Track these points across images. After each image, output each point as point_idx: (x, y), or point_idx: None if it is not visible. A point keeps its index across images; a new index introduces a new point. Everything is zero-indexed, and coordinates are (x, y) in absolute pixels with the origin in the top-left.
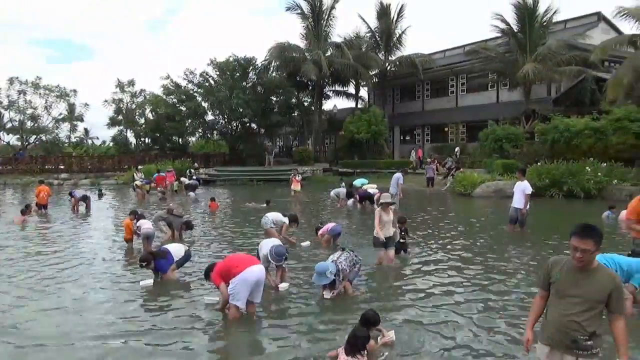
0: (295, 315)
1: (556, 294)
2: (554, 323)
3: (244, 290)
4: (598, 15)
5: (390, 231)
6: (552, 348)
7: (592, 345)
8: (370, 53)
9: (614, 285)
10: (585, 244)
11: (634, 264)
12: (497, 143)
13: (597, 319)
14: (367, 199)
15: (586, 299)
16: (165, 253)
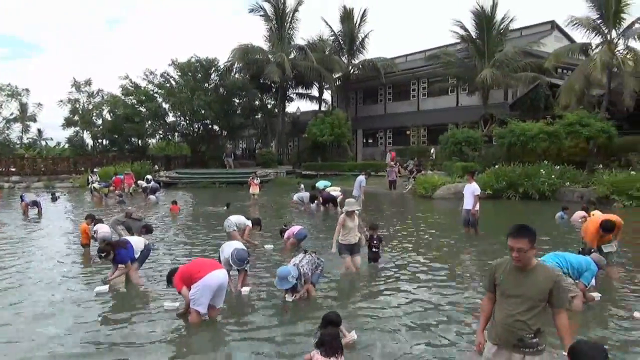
0: (257, 319)
1: (501, 295)
2: (500, 323)
3: (206, 295)
4: (552, 24)
5: (356, 237)
6: (500, 347)
7: (537, 343)
8: (333, 56)
9: (553, 281)
10: (519, 243)
11: (583, 262)
12: (457, 146)
13: (541, 316)
14: (330, 201)
15: (529, 297)
16: (125, 243)
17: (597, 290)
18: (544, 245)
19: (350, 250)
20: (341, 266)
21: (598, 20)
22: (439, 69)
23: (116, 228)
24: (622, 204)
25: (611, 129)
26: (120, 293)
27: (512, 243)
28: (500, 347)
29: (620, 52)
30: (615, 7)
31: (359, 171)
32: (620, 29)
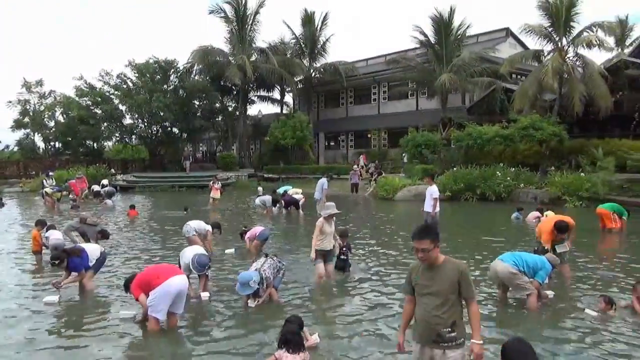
0: (218, 325)
1: (418, 295)
2: (420, 321)
3: (165, 301)
4: (506, 31)
5: (331, 244)
6: (422, 345)
7: (455, 337)
8: (295, 59)
9: (460, 273)
10: (422, 244)
11: (538, 261)
12: (417, 149)
13: (455, 308)
14: (292, 204)
15: (440, 292)
16: (79, 251)
17: (550, 288)
18: (500, 245)
19: (324, 257)
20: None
21: (550, 29)
22: (399, 73)
23: (70, 234)
24: (573, 204)
25: (562, 133)
26: (72, 303)
27: (416, 244)
28: (422, 345)
29: (570, 59)
30: (566, 16)
31: (321, 174)
32: (570, 37)
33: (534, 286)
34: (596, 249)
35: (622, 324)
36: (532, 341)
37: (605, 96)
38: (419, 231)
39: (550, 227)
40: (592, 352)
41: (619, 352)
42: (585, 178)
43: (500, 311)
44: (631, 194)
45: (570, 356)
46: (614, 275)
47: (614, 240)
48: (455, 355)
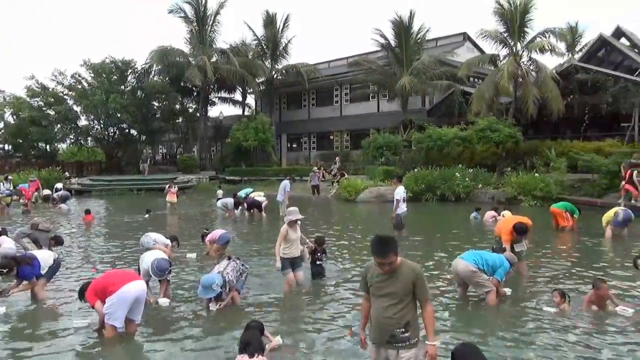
0: (179, 330)
1: (373, 295)
2: (375, 322)
3: (122, 308)
4: (464, 36)
5: (298, 250)
6: (378, 346)
7: (409, 337)
8: (256, 61)
9: (415, 275)
10: (388, 259)
11: (497, 260)
12: (378, 150)
13: (409, 309)
14: (255, 207)
15: (395, 294)
16: (30, 259)
17: (507, 285)
18: (460, 244)
19: (293, 264)
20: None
21: (505, 34)
22: (360, 75)
23: (21, 241)
24: (528, 203)
25: (518, 135)
26: (24, 313)
27: (381, 260)
28: (378, 346)
29: (524, 63)
30: (520, 22)
31: (284, 176)
32: (524, 42)
33: (493, 283)
34: (550, 247)
35: (576, 317)
36: (492, 337)
37: (557, 99)
38: (382, 248)
39: (510, 228)
40: (553, 346)
41: (578, 343)
42: (539, 178)
43: (460, 308)
44: (582, 193)
45: (530, 351)
46: (566, 272)
47: (567, 238)
48: (408, 355)
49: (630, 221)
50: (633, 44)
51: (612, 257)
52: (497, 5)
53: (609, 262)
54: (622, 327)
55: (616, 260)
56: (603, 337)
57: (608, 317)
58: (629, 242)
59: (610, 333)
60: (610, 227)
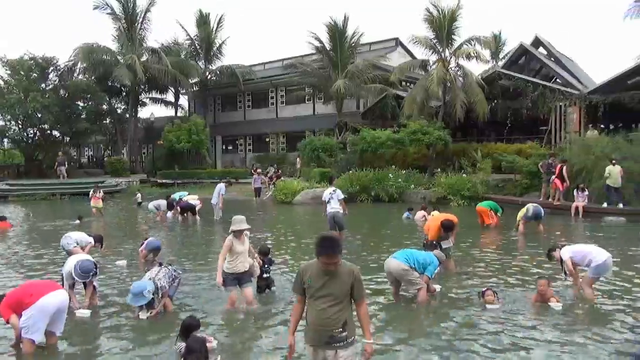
0: (107, 341)
1: (310, 297)
2: (312, 324)
3: (41, 321)
4: (396, 41)
5: (245, 264)
6: (315, 347)
7: (347, 336)
8: (189, 61)
9: (354, 276)
10: (335, 258)
11: (427, 257)
12: (314, 152)
13: (347, 309)
14: (189, 210)
15: (335, 295)
16: None
17: (437, 282)
18: (393, 243)
19: (239, 280)
20: (226, 305)
21: (434, 40)
22: (296, 77)
23: None
24: (457, 203)
25: (447, 137)
26: None
27: (328, 260)
28: (315, 348)
29: (452, 68)
30: (448, 29)
31: (219, 179)
32: (452, 49)
33: (424, 280)
34: (477, 243)
35: (507, 312)
36: (424, 333)
37: (482, 104)
38: (330, 247)
39: (437, 225)
40: (482, 342)
41: (513, 339)
42: (466, 179)
43: (394, 306)
44: (505, 192)
45: (463, 346)
46: (491, 267)
47: (492, 235)
48: (346, 354)
49: (541, 217)
50: (550, 53)
51: (533, 251)
52: (427, 12)
53: (529, 255)
54: (553, 322)
55: (538, 252)
56: (532, 332)
57: (538, 312)
58: (544, 236)
59: (540, 328)
60: (523, 222)
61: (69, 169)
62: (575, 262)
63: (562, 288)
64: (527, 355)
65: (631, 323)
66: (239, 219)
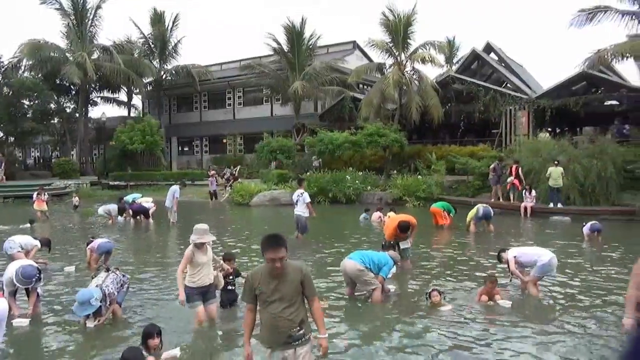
0: (50, 354)
1: (263, 303)
2: (268, 327)
3: None
4: (353, 44)
5: (210, 276)
6: (273, 349)
7: (304, 333)
8: (143, 60)
9: (302, 274)
10: (281, 252)
11: (382, 258)
12: (272, 154)
13: (301, 307)
14: (141, 213)
15: (288, 297)
16: None
17: (392, 282)
18: (350, 244)
19: (204, 295)
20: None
21: (390, 44)
22: (253, 78)
23: None
24: (412, 204)
25: (403, 139)
26: None
27: (273, 255)
28: (273, 349)
29: (408, 72)
30: (403, 34)
31: (174, 180)
32: (408, 53)
33: (378, 281)
34: (430, 244)
35: (458, 311)
36: (379, 333)
37: (437, 107)
38: (275, 241)
39: (394, 225)
40: (433, 343)
41: (464, 338)
42: (422, 180)
43: (349, 306)
44: (458, 193)
45: (418, 345)
46: (445, 266)
47: (445, 235)
48: (304, 351)
49: (491, 217)
50: (500, 59)
51: (484, 251)
52: (383, 16)
53: (479, 255)
54: (503, 319)
55: (488, 252)
56: (482, 332)
57: (487, 311)
58: (494, 237)
59: (488, 325)
60: (474, 222)
61: (14, 170)
62: (522, 263)
63: (512, 288)
64: (479, 354)
65: (574, 316)
66: (202, 229)
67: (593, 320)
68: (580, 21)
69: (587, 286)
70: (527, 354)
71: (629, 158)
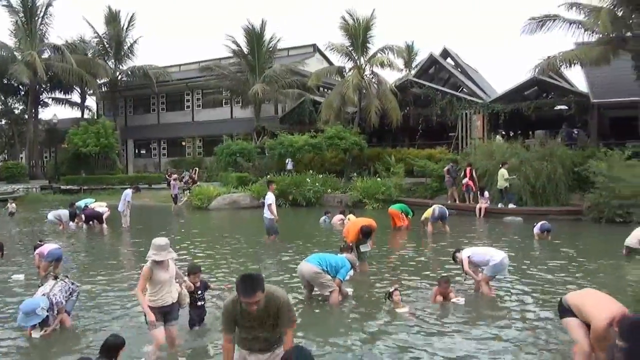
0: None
1: (241, 328)
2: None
3: None
4: (314, 47)
5: (173, 294)
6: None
7: (278, 346)
8: (98, 60)
9: (279, 306)
10: (254, 298)
11: (339, 261)
12: (231, 157)
13: (278, 331)
14: (95, 218)
15: (265, 327)
16: None
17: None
18: (310, 246)
19: (165, 315)
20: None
21: (350, 48)
22: (213, 80)
23: None
24: (372, 206)
25: (362, 142)
26: None
27: (249, 300)
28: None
29: (367, 76)
30: (362, 38)
31: (130, 184)
32: (367, 57)
33: (336, 284)
34: (388, 245)
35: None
36: (336, 335)
37: (396, 110)
38: (249, 288)
39: (357, 230)
40: (392, 343)
41: (424, 338)
42: (381, 182)
43: (307, 309)
44: (416, 195)
45: (374, 347)
46: (402, 269)
47: (402, 236)
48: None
49: (446, 217)
50: (457, 64)
51: (439, 251)
52: (343, 20)
53: (436, 255)
54: (457, 318)
55: (443, 252)
56: (440, 328)
57: (444, 309)
58: (449, 237)
59: (445, 322)
60: (430, 223)
61: None
62: (475, 262)
63: (466, 286)
64: (434, 353)
65: (524, 312)
66: (161, 244)
67: (542, 316)
68: (531, 29)
69: (536, 283)
70: (480, 350)
71: (576, 160)
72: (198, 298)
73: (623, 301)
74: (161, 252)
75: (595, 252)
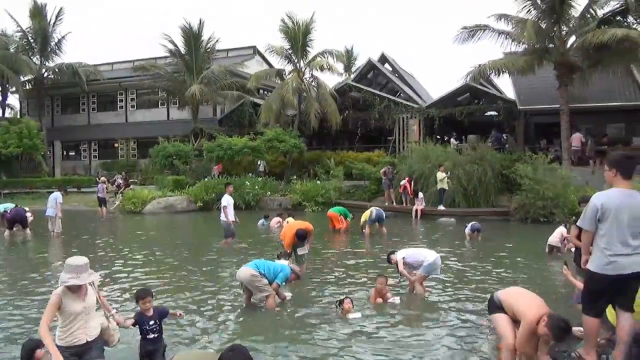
0: None
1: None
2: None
3: None
4: (254, 49)
5: (92, 330)
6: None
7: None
8: (21, 55)
9: None
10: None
11: (278, 266)
12: (167, 159)
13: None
14: (19, 222)
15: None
16: None
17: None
18: (249, 251)
19: (80, 357)
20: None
21: (289, 50)
22: (148, 80)
23: None
24: (311, 209)
25: (302, 145)
26: None
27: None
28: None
29: (307, 79)
30: (302, 41)
31: (56, 188)
32: (307, 60)
33: (273, 288)
34: (327, 247)
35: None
36: (273, 341)
37: (335, 114)
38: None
39: (293, 233)
40: (338, 344)
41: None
42: (320, 185)
43: (244, 314)
44: (355, 198)
45: (311, 351)
46: (341, 272)
47: (341, 238)
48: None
49: (383, 219)
50: (394, 69)
51: (377, 252)
52: (282, 23)
53: (373, 257)
54: (394, 316)
55: (381, 253)
56: (373, 329)
57: (381, 309)
58: (386, 239)
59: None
60: (367, 225)
61: None
62: (409, 263)
63: (400, 287)
64: (378, 354)
65: (457, 309)
66: (78, 264)
67: (474, 311)
68: (462, 38)
69: (467, 281)
70: (416, 347)
71: (505, 164)
72: (150, 330)
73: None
74: (81, 275)
75: (522, 251)
